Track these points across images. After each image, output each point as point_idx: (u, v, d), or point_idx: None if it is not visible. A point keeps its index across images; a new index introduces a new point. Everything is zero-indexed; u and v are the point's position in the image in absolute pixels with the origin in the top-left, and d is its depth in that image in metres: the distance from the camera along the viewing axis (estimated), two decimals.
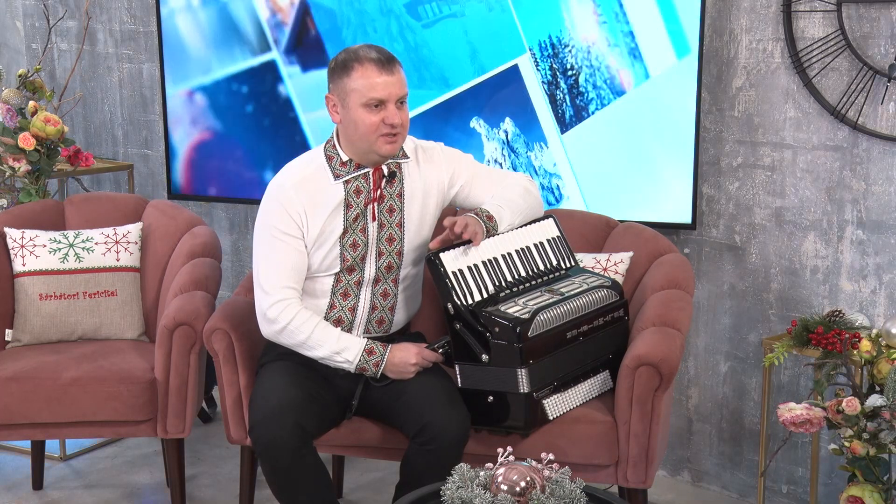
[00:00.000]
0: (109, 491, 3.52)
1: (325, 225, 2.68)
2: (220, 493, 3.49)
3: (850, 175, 3.08)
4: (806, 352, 2.88)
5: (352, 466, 3.62)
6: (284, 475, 2.57)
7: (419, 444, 2.58)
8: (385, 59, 2.61)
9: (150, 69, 4.48)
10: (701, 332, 3.46)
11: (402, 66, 2.65)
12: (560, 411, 2.68)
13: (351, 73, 2.60)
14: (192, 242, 3.35)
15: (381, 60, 2.60)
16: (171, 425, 3.04)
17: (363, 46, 2.66)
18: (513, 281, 2.73)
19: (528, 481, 2.01)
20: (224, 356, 2.83)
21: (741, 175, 3.29)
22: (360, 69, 2.60)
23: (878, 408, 2.51)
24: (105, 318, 3.31)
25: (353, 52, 2.64)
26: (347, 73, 2.61)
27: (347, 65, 2.62)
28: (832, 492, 3.20)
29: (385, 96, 2.60)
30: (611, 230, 3.13)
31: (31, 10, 4.82)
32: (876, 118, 3.01)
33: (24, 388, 2.98)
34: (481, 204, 2.80)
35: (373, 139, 2.63)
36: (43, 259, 3.30)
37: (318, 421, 2.65)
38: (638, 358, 2.60)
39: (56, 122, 3.64)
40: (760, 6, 3.16)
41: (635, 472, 2.66)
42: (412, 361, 2.68)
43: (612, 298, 2.82)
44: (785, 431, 3.07)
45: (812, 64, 3.08)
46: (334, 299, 2.75)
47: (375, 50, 2.63)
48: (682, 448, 3.57)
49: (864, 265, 3.09)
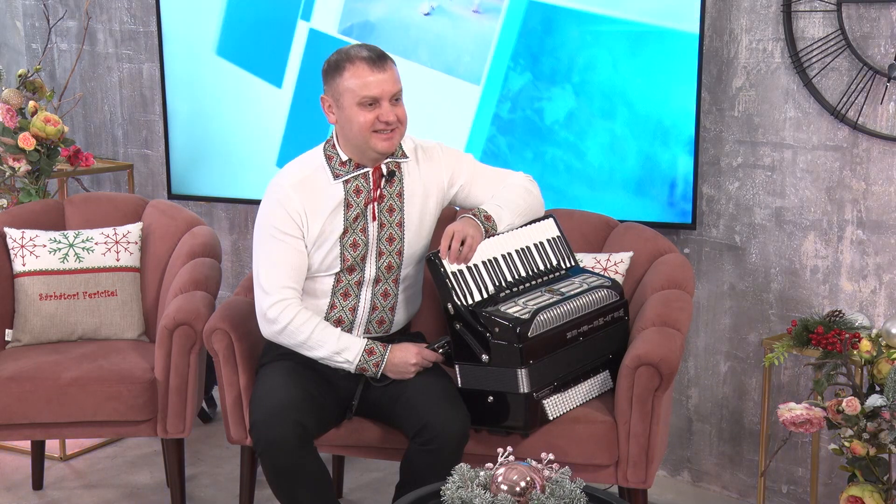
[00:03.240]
0: (109, 491, 3.52)
1: (326, 225, 2.68)
2: (220, 493, 3.49)
3: (850, 175, 3.08)
4: (806, 352, 2.88)
5: (352, 466, 3.62)
6: (284, 475, 2.57)
7: (419, 445, 2.58)
8: (376, 56, 2.62)
9: (150, 69, 4.48)
10: (701, 332, 3.46)
11: (394, 63, 2.66)
12: (560, 411, 2.68)
13: (343, 72, 2.61)
14: (192, 242, 3.35)
15: (373, 58, 2.61)
16: (171, 425, 3.04)
17: (354, 46, 2.66)
18: (513, 281, 2.73)
19: (528, 481, 2.01)
20: (224, 356, 2.83)
21: (741, 175, 3.29)
22: (352, 68, 2.60)
23: (878, 408, 2.51)
24: (105, 318, 3.31)
25: (345, 52, 2.64)
26: (340, 74, 2.62)
27: (339, 65, 2.62)
28: (832, 492, 3.20)
29: (378, 94, 2.60)
30: (611, 230, 3.13)
31: (31, 10, 4.82)
32: (876, 118, 3.01)
33: (24, 388, 2.98)
34: (481, 203, 2.80)
35: (369, 137, 2.63)
36: (43, 259, 3.30)
37: (318, 421, 2.65)
38: (638, 358, 2.60)
39: (56, 122, 3.64)
40: (760, 6, 3.17)
41: (635, 472, 2.66)
42: (412, 361, 2.68)
43: (612, 298, 2.82)
44: (785, 431, 3.07)
45: (812, 64, 3.08)
46: (335, 299, 2.75)
47: (367, 49, 2.64)
48: (682, 448, 3.57)
49: (864, 265, 3.09)
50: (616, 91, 3.34)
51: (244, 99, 3.90)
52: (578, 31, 3.35)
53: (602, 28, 3.32)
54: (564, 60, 3.40)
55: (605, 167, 3.38)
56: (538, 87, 3.44)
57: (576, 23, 3.35)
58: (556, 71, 3.41)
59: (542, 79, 3.43)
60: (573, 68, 3.38)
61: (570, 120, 3.42)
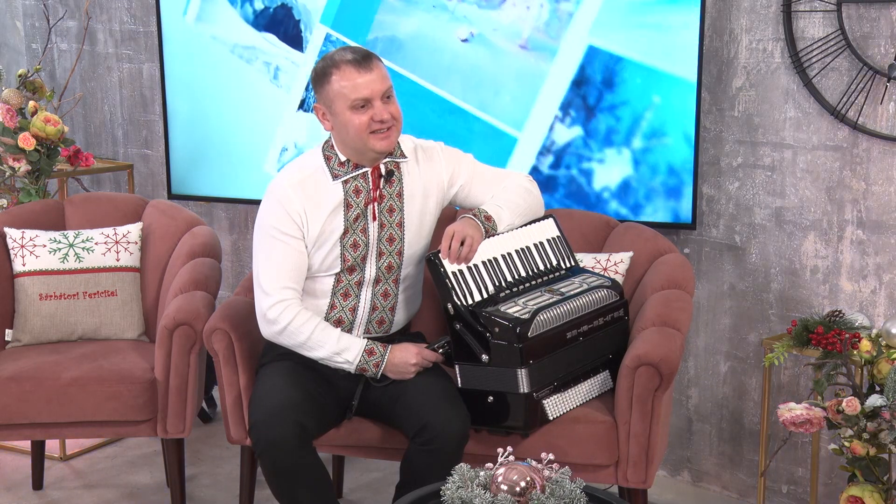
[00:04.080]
0: (109, 491, 3.52)
1: (325, 225, 2.68)
2: (220, 493, 3.49)
3: (850, 175, 3.08)
4: (806, 352, 2.88)
5: (352, 466, 3.62)
6: (284, 475, 2.57)
7: (419, 445, 2.58)
8: (361, 57, 2.61)
9: (150, 69, 4.48)
10: (701, 332, 3.46)
11: (381, 61, 2.65)
12: (560, 411, 2.68)
13: (331, 78, 2.61)
14: (192, 242, 3.35)
15: (358, 60, 2.60)
16: (171, 425, 3.04)
17: (338, 50, 2.66)
18: (513, 281, 2.73)
19: (528, 481, 2.01)
20: (224, 356, 2.83)
21: (741, 175, 3.29)
22: (339, 73, 2.60)
23: (878, 408, 2.51)
24: (105, 318, 3.31)
25: (330, 57, 2.64)
26: (328, 80, 2.62)
27: (326, 71, 2.63)
28: (832, 492, 3.20)
29: (368, 94, 2.60)
30: (611, 230, 3.13)
31: (31, 10, 4.82)
32: (876, 118, 3.01)
33: (24, 388, 2.98)
34: (481, 204, 2.80)
35: (367, 139, 2.63)
36: (43, 259, 3.30)
37: (318, 421, 2.65)
38: (638, 358, 2.60)
39: (56, 122, 3.63)
40: (760, 6, 3.16)
41: (635, 472, 2.66)
42: (412, 361, 2.68)
43: (612, 298, 2.82)
44: (785, 431, 3.07)
45: (812, 64, 3.08)
46: (335, 300, 2.75)
47: (350, 51, 2.64)
48: (682, 448, 3.57)
49: (864, 265, 3.09)
50: (685, 168, 3.07)
51: (244, 99, 3.90)
52: (645, 89, 3.05)
53: (675, 91, 3.03)
54: (626, 121, 3.09)
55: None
56: (589, 144, 3.11)
57: (644, 79, 3.05)
58: (614, 131, 3.07)
59: (596, 136, 3.10)
60: (635, 131, 3.07)
61: (624, 191, 3.19)
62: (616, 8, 3.13)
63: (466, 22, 3.18)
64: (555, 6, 3.16)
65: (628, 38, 3.11)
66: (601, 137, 3.08)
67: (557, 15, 3.14)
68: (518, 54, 3.17)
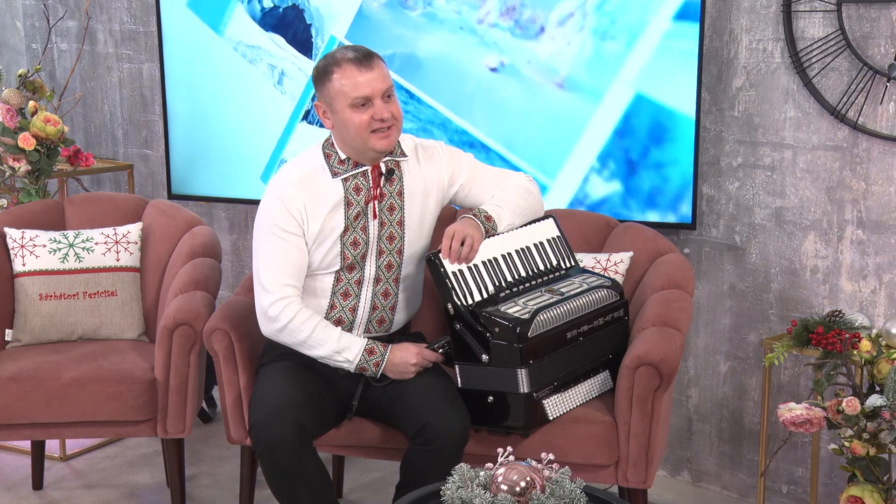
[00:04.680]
0: (109, 491, 3.52)
1: (326, 222, 2.68)
2: (220, 493, 3.49)
3: (850, 175, 3.08)
4: (806, 352, 2.88)
5: (352, 466, 3.62)
6: (284, 475, 2.57)
7: (419, 445, 2.58)
8: (362, 56, 2.62)
9: (150, 69, 4.48)
10: (701, 332, 3.46)
11: (382, 60, 2.65)
12: (560, 411, 2.68)
13: (332, 76, 2.61)
14: (192, 242, 3.35)
15: (359, 58, 2.61)
16: (171, 425, 3.04)
17: (340, 49, 2.67)
18: (513, 281, 2.73)
19: (528, 481, 2.01)
20: (224, 356, 2.83)
21: (741, 175, 3.29)
22: (340, 71, 2.60)
23: (878, 408, 2.51)
24: (105, 318, 3.31)
25: (331, 56, 2.65)
26: (329, 78, 2.62)
27: (327, 70, 2.63)
28: (832, 492, 3.20)
29: (369, 93, 2.60)
30: (611, 230, 3.13)
31: (31, 10, 4.82)
32: (876, 118, 3.01)
33: (24, 388, 2.98)
34: (481, 203, 2.80)
35: (367, 138, 2.63)
36: (43, 259, 3.30)
37: (318, 421, 2.65)
38: (638, 358, 2.60)
39: (56, 122, 3.64)
40: (760, 6, 3.16)
41: (635, 472, 2.66)
42: (412, 361, 2.68)
43: (612, 298, 2.82)
44: (785, 431, 3.07)
45: (812, 64, 3.08)
46: (335, 299, 2.75)
47: (352, 50, 2.64)
48: (682, 448, 3.57)
49: (864, 265, 3.09)
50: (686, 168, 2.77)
51: (246, 100, 3.90)
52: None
53: None
54: (674, 181, 2.84)
55: None
56: (629, 204, 2.82)
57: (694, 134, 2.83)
58: (660, 192, 2.78)
59: (637, 196, 2.81)
60: (684, 195, 2.82)
61: (625, 194, 3.04)
62: (670, 56, 2.83)
63: (497, 49, 2.89)
64: (599, 45, 2.85)
65: (682, 91, 2.84)
66: (643, 197, 2.78)
67: (602, 55, 2.83)
68: (554, 93, 2.88)
